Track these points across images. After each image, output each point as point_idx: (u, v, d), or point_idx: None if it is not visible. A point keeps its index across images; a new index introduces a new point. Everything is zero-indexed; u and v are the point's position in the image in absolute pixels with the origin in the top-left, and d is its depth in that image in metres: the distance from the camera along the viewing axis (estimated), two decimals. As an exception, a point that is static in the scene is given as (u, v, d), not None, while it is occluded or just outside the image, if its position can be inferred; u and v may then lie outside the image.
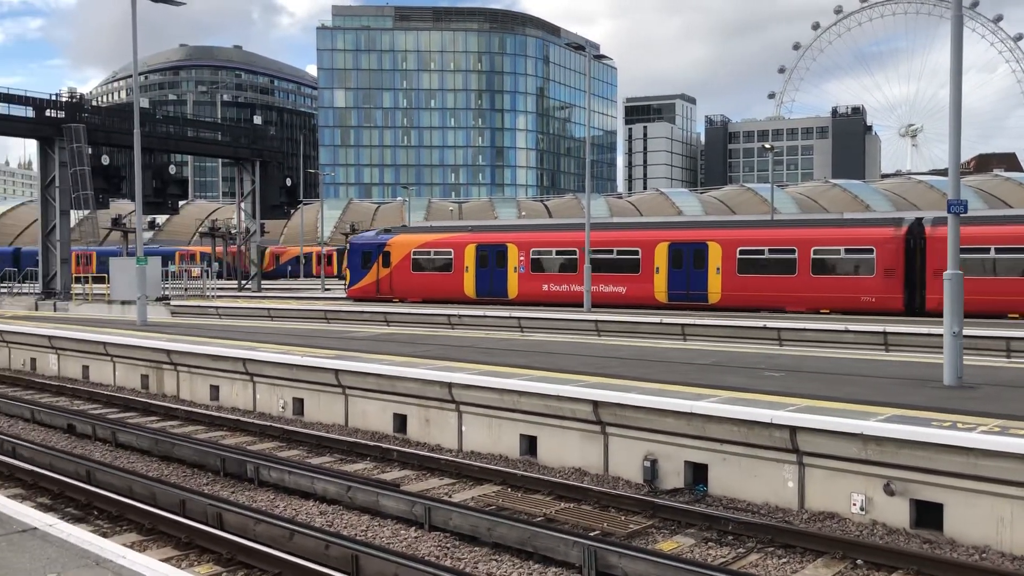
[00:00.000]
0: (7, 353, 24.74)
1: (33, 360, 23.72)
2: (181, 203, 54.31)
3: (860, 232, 27.39)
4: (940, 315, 25.32)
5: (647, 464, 10.90)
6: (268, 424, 15.08)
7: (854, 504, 9.33)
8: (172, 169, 45.72)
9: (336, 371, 15.20)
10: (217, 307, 34.11)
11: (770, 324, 22.65)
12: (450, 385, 13.33)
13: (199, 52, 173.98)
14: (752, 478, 10.15)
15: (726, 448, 10.33)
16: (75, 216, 42.75)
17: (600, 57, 44.93)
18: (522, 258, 32.52)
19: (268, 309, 32.40)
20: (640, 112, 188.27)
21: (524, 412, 12.44)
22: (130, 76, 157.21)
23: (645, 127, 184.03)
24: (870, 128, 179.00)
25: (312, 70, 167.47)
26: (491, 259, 33.26)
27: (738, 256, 28.40)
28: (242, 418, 15.75)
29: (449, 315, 28.01)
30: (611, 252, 30.94)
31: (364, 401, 14.94)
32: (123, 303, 34.73)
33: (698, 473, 10.68)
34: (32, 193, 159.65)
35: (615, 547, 7.98)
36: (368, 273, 36.44)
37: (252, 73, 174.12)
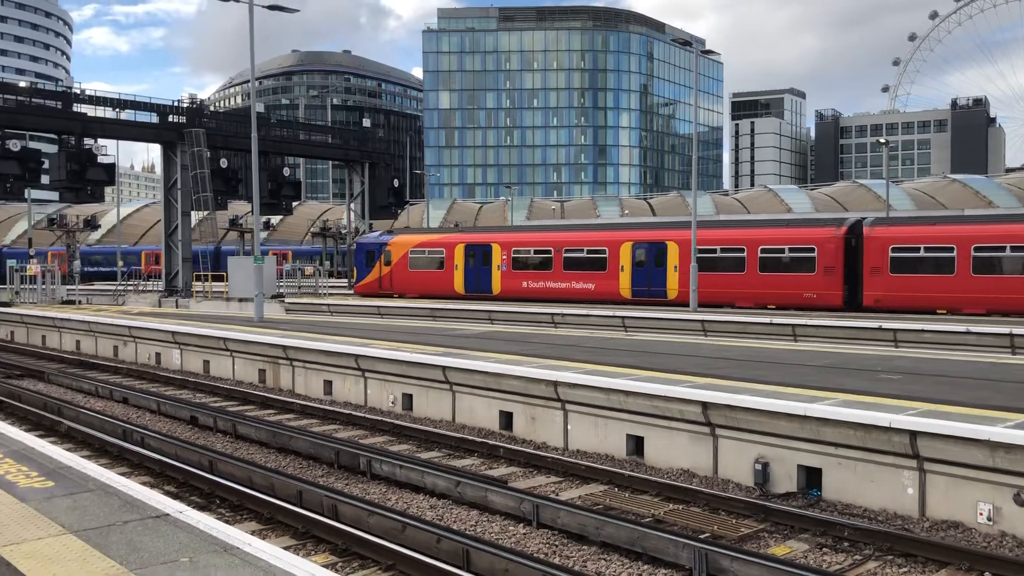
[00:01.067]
0: (134, 348, 26.08)
1: (158, 355, 24.93)
2: (294, 204, 56.01)
3: (803, 232, 29.06)
4: (877, 311, 26.60)
5: (758, 467, 10.69)
6: (379, 418, 15.46)
7: (980, 514, 8.93)
8: (286, 171, 47.26)
9: (444, 368, 15.44)
10: (329, 304, 35.10)
11: (886, 325, 21.85)
12: (556, 384, 13.37)
13: (310, 57, 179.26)
14: (869, 483, 9.83)
15: (841, 452, 10.04)
16: (195, 217, 44.61)
17: (706, 52, 44.22)
18: (504, 257, 35.11)
19: (378, 307, 33.14)
20: (747, 107, 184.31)
21: (631, 412, 12.38)
22: (246, 82, 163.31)
23: (752, 122, 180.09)
24: (993, 120, 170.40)
25: (418, 72, 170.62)
26: (478, 258, 35.89)
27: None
28: (354, 412, 16.18)
29: (553, 314, 28.08)
30: (581, 251, 33.60)
31: (471, 398, 15.13)
32: (240, 300, 36.13)
33: (811, 477, 10.41)
34: (155, 195, 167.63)
35: (727, 550, 7.86)
36: (372, 271, 39.35)
37: (360, 77, 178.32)
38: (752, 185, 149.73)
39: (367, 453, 12.11)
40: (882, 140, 62.28)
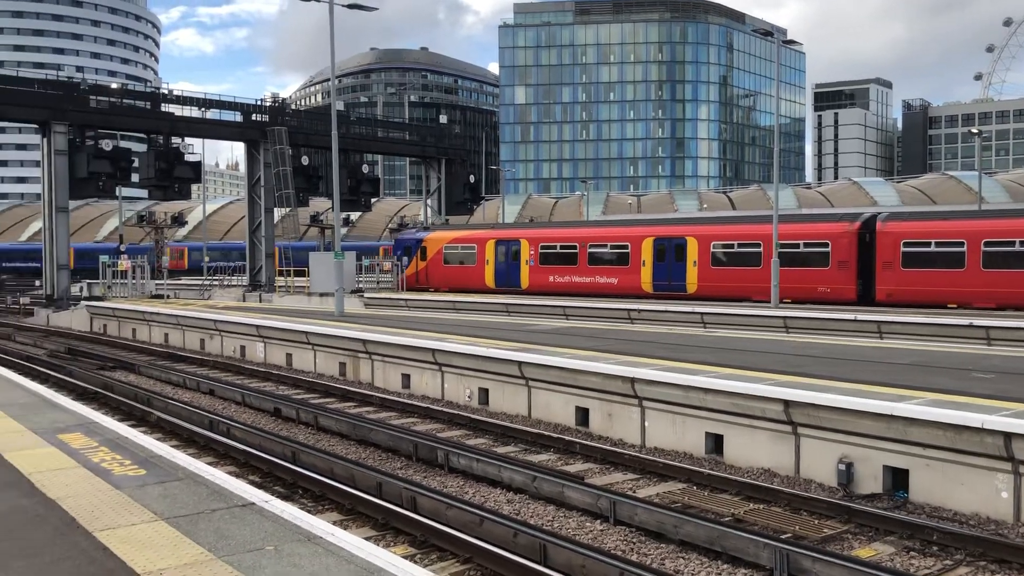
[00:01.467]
0: (220, 341, 26.85)
1: (243, 347, 25.62)
2: (373, 200, 56.83)
3: (817, 227, 29.49)
4: (890, 305, 26.39)
5: (842, 467, 10.44)
6: (456, 412, 15.60)
7: (1080, 520, 8.55)
8: (365, 168, 47.96)
9: (520, 363, 15.48)
10: (407, 299, 35.54)
11: (977, 322, 21.06)
12: (633, 380, 13.28)
13: (388, 55, 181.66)
14: (959, 486, 9.50)
15: (930, 453, 9.73)
16: (277, 213, 45.68)
17: (788, 42, 43.26)
18: (532, 252, 36.10)
19: (453, 302, 33.43)
20: (831, 98, 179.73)
21: (710, 410, 12.21)
22: (326, 80, 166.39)
23: (836, 113, 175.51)
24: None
25: (494, 68, 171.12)
26: (508, 254, 37.00)
27: (712, 250, 30.91)
28: (432, 406, 16.36)
29: (629, 310, 27.87)
30: (605, 246, 34.44)
31: (547, 393, 15.14)
32: (321, 295, 36.86)
33: (898, 478, 10.12)
34: (238, 192, 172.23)
35: (809, 551, 7.69)
36: (410, 265, 40.86)
37: (437, 74, 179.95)
38: (836, 178, 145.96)
39: (445, 446, 12.23)
40: (974, 130, 60.05)
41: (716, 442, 12.26)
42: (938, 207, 58.40)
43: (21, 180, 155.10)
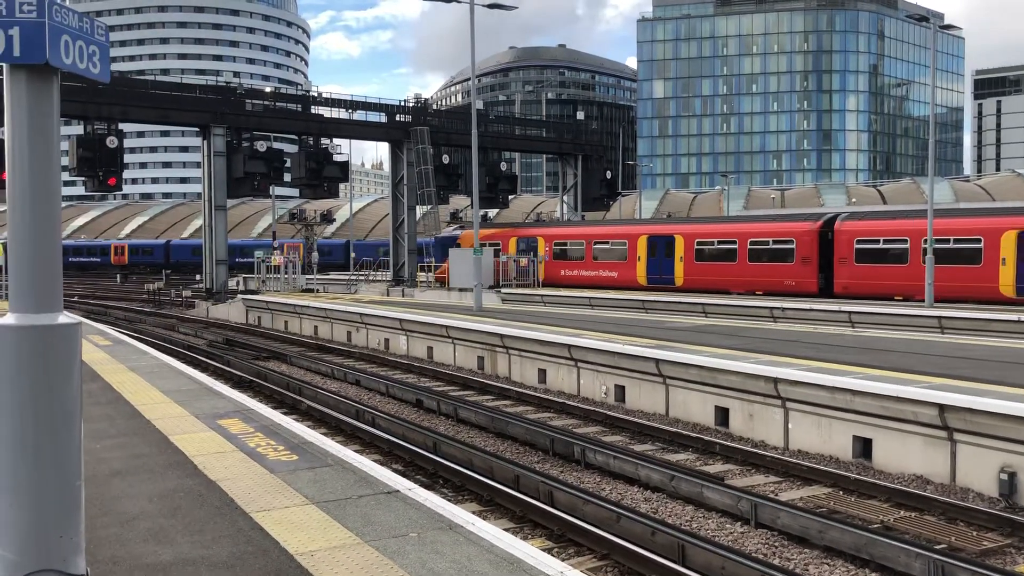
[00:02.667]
0: (366, 334, 27.83)
1: (386, 340, 26.46)
2: (510, 197, 57.45)
3: (784, 226, 32.16)
4: (847, 297, 27.93)
5: (1003, 477, 9.83)
6: (591, 408, 15.60)
7: None
8: (503, 166, 48.60)
9: (657, 360, 15.33)
10: (543, 295, 35.76)
11: None
12: (776, 380, 12.92)
13: (526, 53, 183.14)
14: None
15: (1105, 466, 9.04)
16: (419, 210, 46.91)
17: (945, 28, 40.85)
18: (547, 248, 40.39)
19: (589, 298, 33.39)
20: (993, 85, 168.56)
21: (857, 412, 11.74)
22: (466, 80, 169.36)
23: (999, 101, 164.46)
24: None
25: (632, 63, 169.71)
26: (528, 249, 40.86)
27: (695, 247, 34.03)
28: (567, 401, 16.43)
29: (772, 307, 27.11)
30: (607, 243, 37.77)
31: (685, 392, 14.93)
32: (460, 290, 37.60)
33: (1068, 491, 9.45)
34: (381, 191, 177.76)
35: (966, 564, 7.29)
36: (445, 261, 43.98)
37: (575, 70, 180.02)
38: (997, 170, 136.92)
39: (581, 442, 12.26)
40: None
41: (864, 446, 11.78)
42: (890, 207, 60.87)
43: (183, 180, 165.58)
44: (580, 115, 64.24)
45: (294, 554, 5.50)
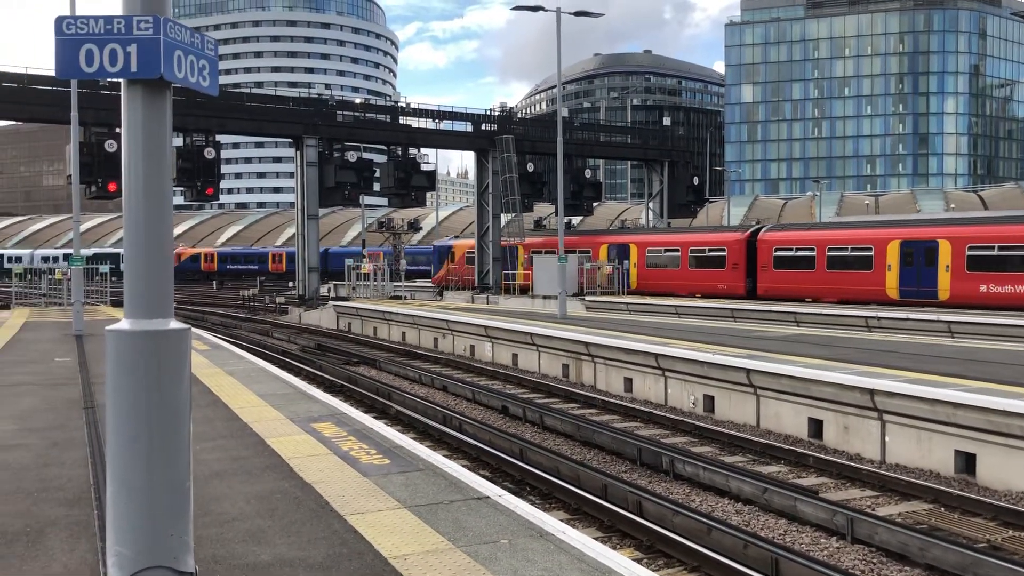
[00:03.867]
0: (452, 340, 28.11)
1: (472, 347, 26.67)
2: (595, 205, 57.28)
3: (718, 236, 36.88)
4: (768, 299, 32.33)
5: (1120, 497, 9.32)
6: (679, 419, 15.41)
7: None
8: (587, 173, 48.50)
9: (748, 371, 15.06)
10: (627, 303, 35.51)
11: None
12: (872, 392, 12.54)
13: (611, 60, 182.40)
14: None
15: None
16: (503, 218, 47.17)
17: (1053, 24, 39.01)
18: (639, 255, 41.11)
19: (675, 306, 33.01)
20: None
21: (959, 426, 11.30)
22: (551, 88, 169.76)
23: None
24: None
25: (719, 67, 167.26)
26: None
27: (646, 254, 39.05)
28: (654, 411, 16.25)
29: (867, 317, 26.31)
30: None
31: (776, 403, 14.62)
32: (544, 297, 37.63)
33: None
34: (466, 199, 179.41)
35: (1081, 588, 6.94)
36: (442, 267, 49.52)
37: (660, 76, 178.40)
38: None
39: (670, 453, 12.12)
40: None
41: (967, 461, 11.33)
42: (809, 220, 65.58)
43: (277, 190, 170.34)
44: (666, 121, 63.84)
45: (388, 557, 5.59)
